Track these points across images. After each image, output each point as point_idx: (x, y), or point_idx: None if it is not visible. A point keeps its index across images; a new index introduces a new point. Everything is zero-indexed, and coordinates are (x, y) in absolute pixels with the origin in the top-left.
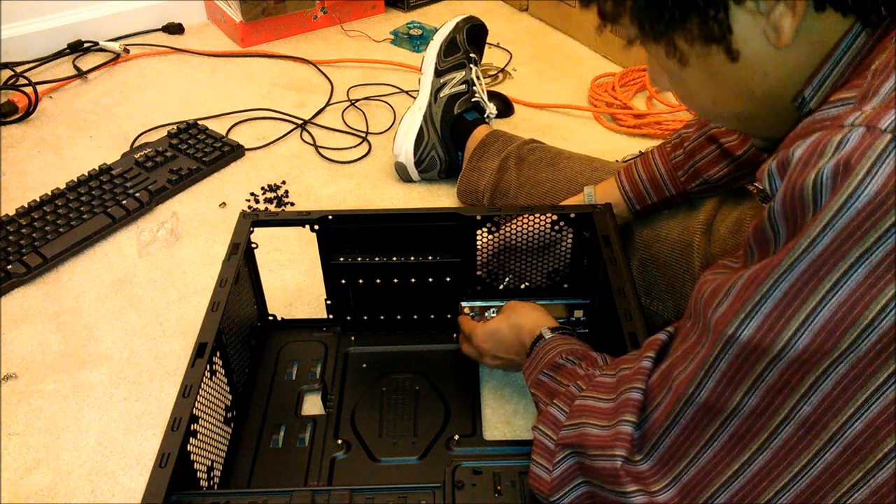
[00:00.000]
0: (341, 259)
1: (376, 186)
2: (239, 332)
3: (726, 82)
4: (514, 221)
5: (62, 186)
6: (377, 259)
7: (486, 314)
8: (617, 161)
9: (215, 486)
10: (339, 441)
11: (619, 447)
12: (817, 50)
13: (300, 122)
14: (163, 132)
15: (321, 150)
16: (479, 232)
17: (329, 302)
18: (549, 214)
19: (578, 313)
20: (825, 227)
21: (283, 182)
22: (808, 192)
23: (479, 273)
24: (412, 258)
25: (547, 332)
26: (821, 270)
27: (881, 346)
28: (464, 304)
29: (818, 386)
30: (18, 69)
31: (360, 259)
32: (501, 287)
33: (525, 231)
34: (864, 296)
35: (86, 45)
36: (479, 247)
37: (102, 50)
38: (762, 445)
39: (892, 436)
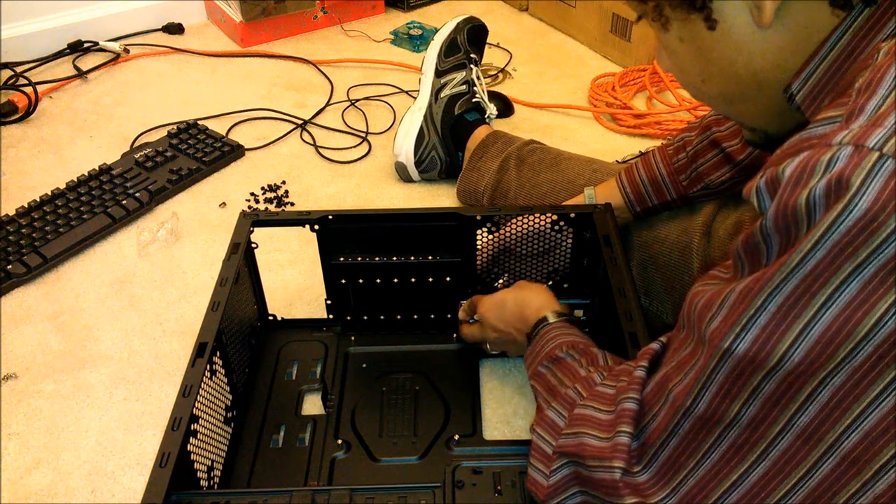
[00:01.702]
0: (341, 259)
1: (376, 186)
2: (239, 332)
3: (713, 59)
4: (515, 221)
5: (62, 186)
6: (377, 259)
7: None
8: (616, 162)
9: (215, 486)
10: (340, 441)
11: (617, 458)
12: (802, 38)
13: (300, 122)
14: (163, 132)
15: (321, 150)
16: (479, 232)
17: (329, 302)
18: (549, 214)
19: (578, 313)
20: (817, 243)
21: (283, 182)
22: (801, 210)
23: (479, 273)
24: (412, 258)
25: (552, 316)
26: (814, 285)
27: (877, 357)
28: (464, 303)
29: (815, 397)
30: (18, 69)
31: (360, 259)
32: (501, 287)
33: (525, 231)
34: (858, 309)
35: (86, 45)
36: (479, 247)
37: (102, 50)
38: (760, 456)
39: (889, 446)
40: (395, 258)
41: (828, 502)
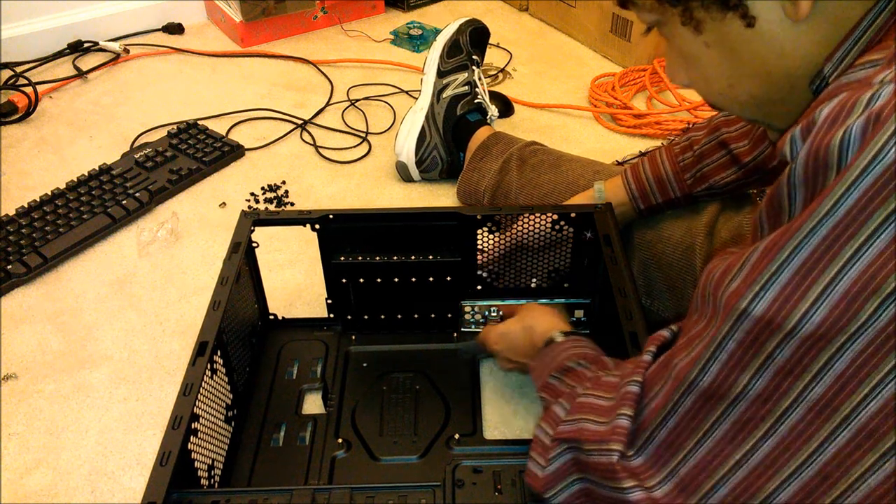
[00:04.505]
0: (342, 258)
1: (376, 186)
2: (240, 331)
3: (743, 61)
4: (516, 221)
5: (62, 186)
6: (378, 258)
7: (487, 313)
8: (616, 162)
9: (216, 485)
10: (340, 440)
11: (615, 441)
12: (835, 29)
13: (300, 122)
14: (163, 132)
15: (321, 150)
16: (479, 231)
17: (330, 301)
18: (549, 214)
19: (579, 313)
20: (850, 187)
21: (283, 182)
22: (833, 151)
23: (479, 273)
24: (413, 257)
25: (558, 336)
26: (843, 236)
27: None
28: (464, 303)
29: (831, 365)
30: (18, 69)
31: (360, 258)
32: (502, 287)
33: (526, 231)
34: (887, 263)
35: (86, 45)
36: (480, 247)
37: (102, 50)
38: (767, 432)
39: None
40: (395, 257)
41: (839, 478)
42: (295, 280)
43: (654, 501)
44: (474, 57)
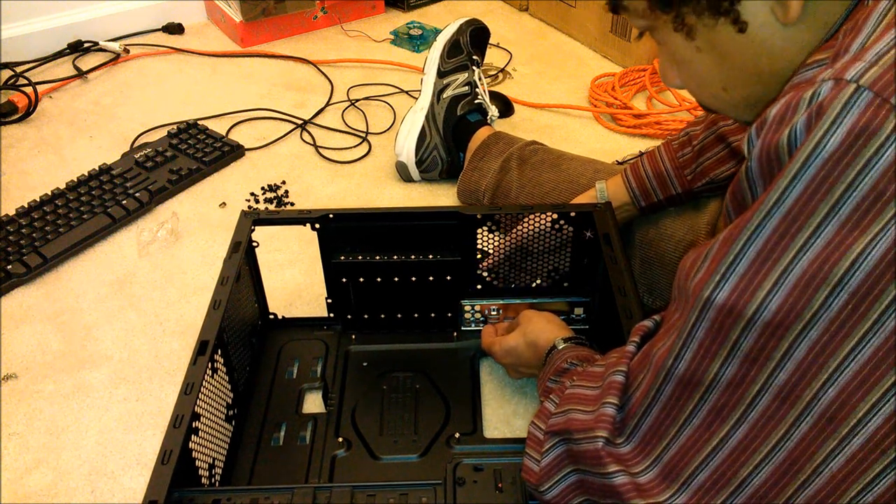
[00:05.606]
0: (342, 258)
1: (376, 186)
2: (240, 331)
3: (735, 64)
4: (517, 223)
5: (62, 186)
6: (378, 258)
7: (487, 312)
8: (616, 162)
9: (217, 484)
10: (340, 439)
11: (600, 429)
12: (822, 31)
13: (300, 122)
14: (163, 132)
15: (321, 150)
16: (479, 231)
17: (330, 300)
18: (549, 214)
19: (578, 311)
20: (794, 179)
21: (283, 182)
22: (782, 147)
23: (480, 273)
24: (413, 257)
25: (560, 343)
26: (792, 227)
27: (851, 306)
28: (464, 303)
29: (792, 353)
30: (18, 69)
31: (360, 258)
32: (502, 286)
33: (526, 231)
34: (835, 252)
35: (86, 45)
36: (480, 247)
37: (102, 50)
38: (740, 418)
39: (864, 400)
40: (395, 257)
41: (806, 462)
42: (295, 280)
43: (639, 486)
44: (474, 57)
